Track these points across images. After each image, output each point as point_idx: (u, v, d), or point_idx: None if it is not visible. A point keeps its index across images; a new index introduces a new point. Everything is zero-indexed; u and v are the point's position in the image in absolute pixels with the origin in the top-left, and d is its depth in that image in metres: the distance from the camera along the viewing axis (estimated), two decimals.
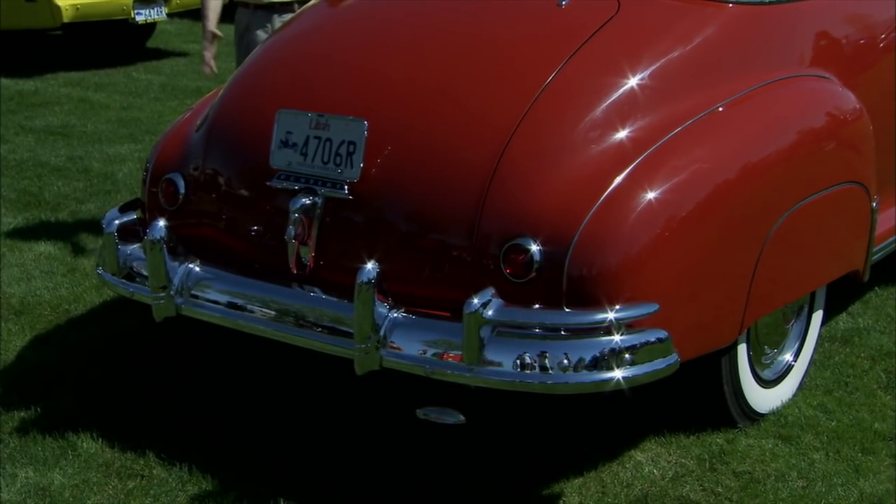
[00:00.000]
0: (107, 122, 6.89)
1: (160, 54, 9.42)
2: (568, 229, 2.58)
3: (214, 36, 4.40)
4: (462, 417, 2.70)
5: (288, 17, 4.10)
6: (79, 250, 4.55)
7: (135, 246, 3.14)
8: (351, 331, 2.69)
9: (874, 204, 3.29)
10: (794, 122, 3.08)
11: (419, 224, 2.77)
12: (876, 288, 4.03)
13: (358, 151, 2.81)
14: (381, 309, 2.66)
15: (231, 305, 2.94)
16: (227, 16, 4.68)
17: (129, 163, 5.91)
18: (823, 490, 2.80)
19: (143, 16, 8.79)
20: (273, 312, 2.88)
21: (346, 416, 3.19)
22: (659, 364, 2.59)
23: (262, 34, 4.20)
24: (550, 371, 2.53)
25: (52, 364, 3.52)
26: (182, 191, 3.13)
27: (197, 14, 9.15)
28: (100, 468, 2.89)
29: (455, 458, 2.96)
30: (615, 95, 2.79)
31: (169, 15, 9.19)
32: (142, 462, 2.91)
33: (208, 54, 4.49)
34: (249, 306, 2.91)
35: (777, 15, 3.21)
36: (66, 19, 8.12)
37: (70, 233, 4.78)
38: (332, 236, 2.84)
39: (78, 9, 8.11)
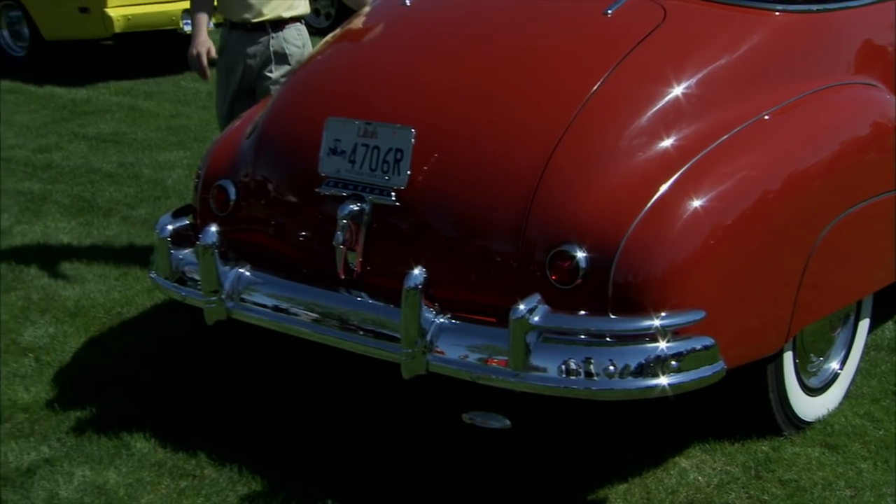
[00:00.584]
0: (156, 130, 6.96)
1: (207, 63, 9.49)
2: (614, 236, 2.56)
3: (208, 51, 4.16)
4: (508, 422, 2.69)
5: (261, 36, 4.05)
6: (130, 254, 4.60)
7: (187, 251, 3.17)
8: (398, 335, 2.69)
9: None
10: (842, 130, 3.05)
11: (465, 230, 2.76)
12: None
13: (405, 159, 2.81)
14: (428, 314, 2.66)
15: (280, 309, 2.95)
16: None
17: (178, 169, 5.96)
18: (872, 500, 2.76)
19: (191, 26, 8.87)
20: (321, 316, 2.88)
21: (392, 420, 3.19)
22: (705, 371, 2.56)
23: (237, 52, 4.09)
24: (596, 377, 2.51)
25: (105, 365, 3.56)
26: (233, 197, 3.15)
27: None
28: (153, 467, 2.92)
29: (500, 462, 2.95)
30: (661, 103, 2.77)
31: (216, 25, 9.28)
32: (193, 462, 2.93)
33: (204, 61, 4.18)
34: (298, 310, 2.92)
35: (824, 22, 3.18)
36: (117, 30, 8.22)
37: (122, 237, 4.84)
38: (380, 242, 2.84)
39: (129, 19, 8.21)
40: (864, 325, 3.30)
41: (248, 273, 3.01)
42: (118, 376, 3.47)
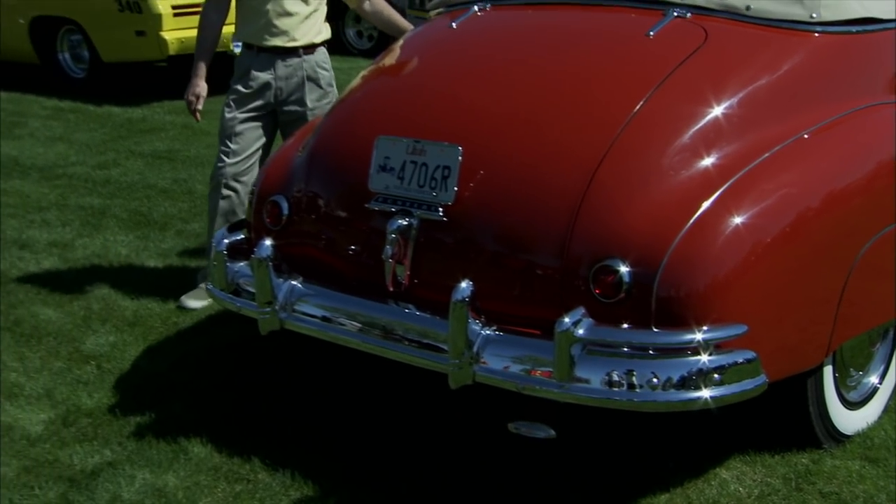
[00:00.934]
0: (208, 147, 6.97)
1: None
2: (657, 251, 2.56)
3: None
4: (553, 432, 2.70)
5: (292, 60, 4.00)
6: (185, 266, 4.66)
7: (241, 263, 3.20)
8: (444, 346, 2.71)
9: None
10: (880, 149, 3.02)
11: (511, 245, 2.77)
12: None
13: (452, 175, 2.83)
14: (475, 326, 2.67)
15: (331, 320, 2.97)
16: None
17: None
18: None
19: (240, 48, 8.97)
20: (370, 327, 2.90)
21: (439, 428, 3.20)
22: (747, 384, 2.56)
23: (264, 76, 4.01)
24: (638, 389, 2.51)
25: (163, 373, 3.61)
26: (286, 212, 3.18)
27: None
28: (209, 472, 2.96)
29: (544, 471, 2.96)
30: (703, 122, 2.78)
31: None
32: (247, 467, 2.97)
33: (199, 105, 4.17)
34: (348, 321, 2.95)
35: (863, 43, 3.16)
36: (171, 52, 8.30)
37: (177, 250, 4.90)
38: (427, 256, 2.86)
39: (182, 42, 8.28)
40: None
41: (300, 285, 3.04)
42: (175, 383, 3.52)
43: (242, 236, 3.34)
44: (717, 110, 2.80)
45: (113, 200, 5.71)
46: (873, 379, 3.22)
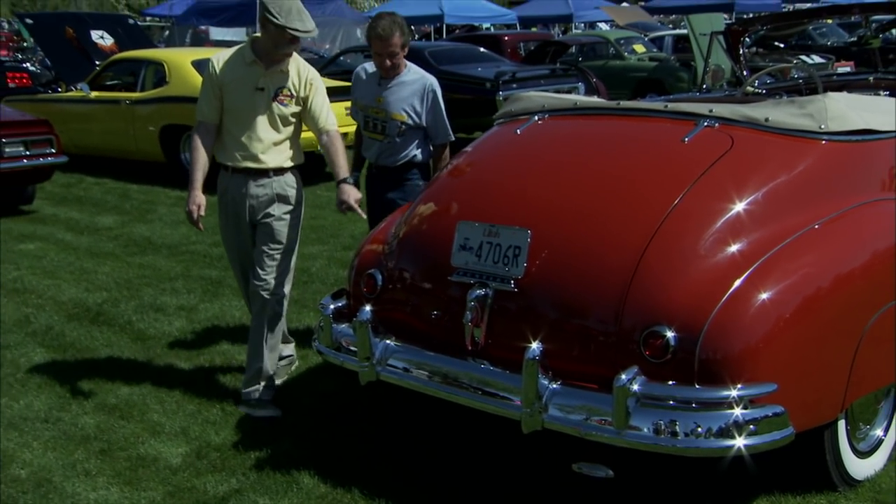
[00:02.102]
0: (301, 229, 7.10)
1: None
2: (699, 320, 2.57)
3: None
4: (611, 472, 2.68)
5: (263, 180, 3.61)
6: (289, 327, 4.57)
7: (344, 325, 3.24)
8: (515, 397, 2.71)
9: None
10: (880, 238, 2.98)
11: (572, 313, 2.78)
12: None
13: (522, 254, 2.86)
14: (543, 381, 2.68)
15: (419, 373, 2.99)
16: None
17: (319, 260, 6.04)
18: None
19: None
20: (452, 380, 2.90)
21: (512, 468, 3.16)
22: (776, 435, 2.53)
23: (238, 194, 3.64)
24: (682, 437, 2.50)
25: (279, 419, 3.59)
26: (380, 283, 3.21)
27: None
28: (317, 499, 2.96)
29: None
30: (731, 214, 2.79)
31: (347, 146, 9.49)
32: (349, 496, 2.97)
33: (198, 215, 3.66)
34: (434, 375, 2.95)
35: (863, 149, 3.15)
36: None
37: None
38: (500, 321, 2.86)
39: None
40: None
41: (393, 344, 3.06)
42: (286, 424, 3.52)
43: (343, 303, 3.37)
44: (743, 205, 2.81)
45: (227, 272, 5.66)
46: (879, 432, 3.13)
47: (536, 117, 3.47)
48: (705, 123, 3.05)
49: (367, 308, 3.10)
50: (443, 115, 3.99)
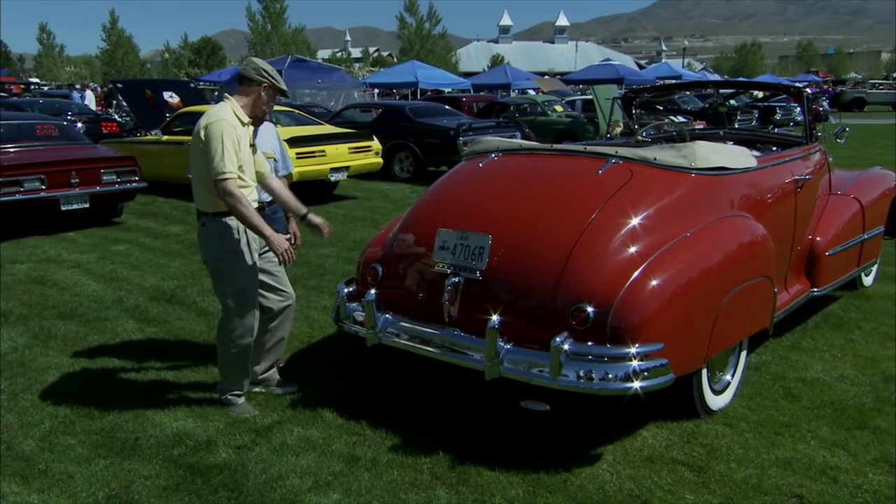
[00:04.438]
0: (316, 237, 7.03)
1: (341, 198, 9.53)
2: (610, 299, 2.59)
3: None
4: (548, 407, 2.70)
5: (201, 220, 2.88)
6: (309, 307, 4.60)
7: (355, 304, 3.21)
8: (480, 355, 2.71)
9: (776, 289, 3.22)
10: (733, 240, 3.04)
11: (521, 294, 2.77)
12: (770, 340, 3.90)
13: (485, 252, 2.86)
14: (500, 343, 2.68)
15: (410, 338, 2.96)
16: None
17: (330, 258, 5.95)
18: (758, 453, 2.71)
19: (335, 177, 8.99)
20: (435, 343, 2.89)
21: (477, 405, 3.15)
22: (662, 379, 2.56)
23: (254, 234, 2.89)
24: (598, 381, 2.52)
25: (304, 369, 3.55)
26: (381, 273, 3.18)
27: (362, 174, 9.40)
28: (336, 428, 2.92)
29: (542, 430, 2.92)
30: (631, 226, 2.81)
31: (348, 176, 9.40)
32: (358, 426, 2.93)
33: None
34: (420, 339, 2.93)
35: (719, 181, 3.18)
36: (296, 179, 8.17)
37: (305, 296, 4.82)
38: (469, 301, 2.86)
39: (302, 173, 8.30)
40: (744, 354, 3.26)
41: (391, 317, 3.04)
42: (311, 376, 3.46)
43: (353, 288, 3.32)
44: (639, 219, 2.83)
45: None
46: (728, 377, 3.19)
47: (493, 155, 3.45)
48: (613, 161, 3.07)
49: (372, 291, 3.08)
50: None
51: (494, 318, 2.70)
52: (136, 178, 7.46)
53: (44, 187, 6.63)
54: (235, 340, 2.98)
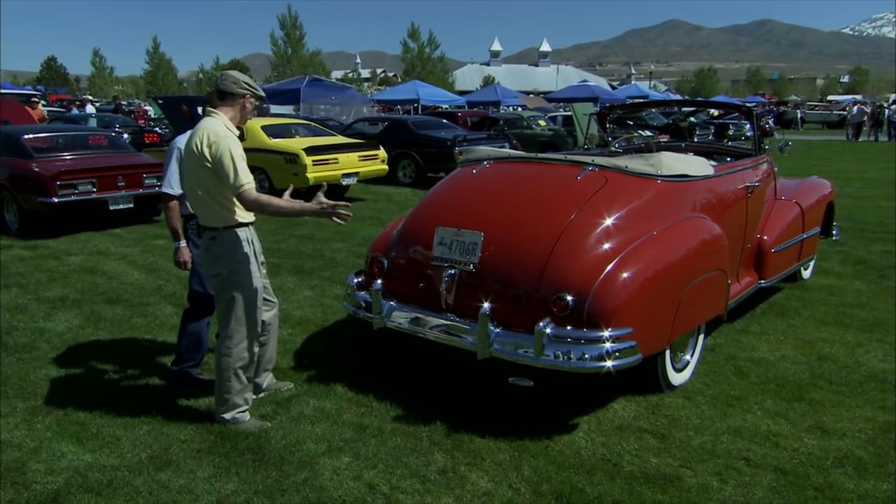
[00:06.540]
0: (329, 233, 6.98)
1: (351, 199, 9.46)
2: (587, 289, 2.57)
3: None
4: (532, 382, 2.68)
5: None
6: (323, 295, 4.54)
7: (363, 292, 3.17)
8: (473, 337, 2.69)
9: (729, 281, 3.21)
10: (693, 238, 3.02)
11: (509, 285, 2.75)
12: (724, 325, 3.88)
13: (478, 248, 2.84)
14: (491, 327, 2.66)
15: (411, 322, 2.93)
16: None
17: (342, 252, 5.91)
18: (716, 419, 2.68)
19: (346, 181, 8.95)
20: (433, 327, 2.86)
21: (470, 381, 3.13)
22: (631, 359, 2.55)
23: (256, 244, 2.68)
24: (575, 361, 2.50)
25: (317, 350, 3.52)
26: (386, 266, 3.15)
27: (370, 179, 9.34)
28: (347, 401, 2.89)
29: (528, 402, 2.90)
30: (605, 225, 2.80)
31: (358, 180, 9.36)
32: (366, 399, 2.90)
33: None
34: (421, 323, 2.91)
35: (682, 187, 3.17)
36: (311, 183, 8.21)
37: (320, 285, 4.80)
38: (464, 290, 2.84)
39: (317, 178, 8.27)
40: (702, 337, 3.25)
41: (395, 304, 3.01)
42: (324, 355, 3.44)
43: (362, 278, 3.28)
44: (612, 219, 2.82)
45: (283, 260, 5.63)
46: (688, 357, 3.18)
47: (486, 162, 3.43)
48: (590, 168, 3.05)
49: (378, 282, 3.04)
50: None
51: (486, 305, 2.68)
52: None
53: (95, 190, 6.64)
54: (241, 353, 2.59)
